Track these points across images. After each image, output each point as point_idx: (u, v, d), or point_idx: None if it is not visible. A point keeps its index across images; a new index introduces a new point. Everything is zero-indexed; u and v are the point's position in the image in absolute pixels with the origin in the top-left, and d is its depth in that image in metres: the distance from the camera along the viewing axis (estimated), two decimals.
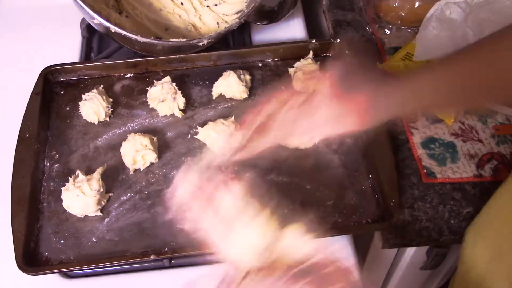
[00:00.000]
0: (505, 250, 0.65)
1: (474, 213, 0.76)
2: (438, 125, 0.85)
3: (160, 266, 0.74)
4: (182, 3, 0.96)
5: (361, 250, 0.91)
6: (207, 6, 0.97)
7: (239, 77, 0.85)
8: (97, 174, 0.75)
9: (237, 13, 0.96)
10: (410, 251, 0.90)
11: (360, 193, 0.77)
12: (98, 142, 0.82)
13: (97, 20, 0.77)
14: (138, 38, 0.77)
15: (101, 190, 0.74)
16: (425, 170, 0.80)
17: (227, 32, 0.88)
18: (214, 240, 0.55)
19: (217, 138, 0.78)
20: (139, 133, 0.79)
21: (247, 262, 0.53)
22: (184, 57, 0.89)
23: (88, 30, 1.00)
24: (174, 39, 0.83)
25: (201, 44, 0.84)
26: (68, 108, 0.86)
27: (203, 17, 0.96)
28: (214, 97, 0.87)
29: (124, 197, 0.76)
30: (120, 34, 0.77)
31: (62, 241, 0.72)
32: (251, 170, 0.79)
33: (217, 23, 0.96)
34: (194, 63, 0.91)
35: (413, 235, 0.76)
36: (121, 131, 0.83)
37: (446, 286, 0.94)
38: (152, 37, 0.80)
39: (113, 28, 0.77)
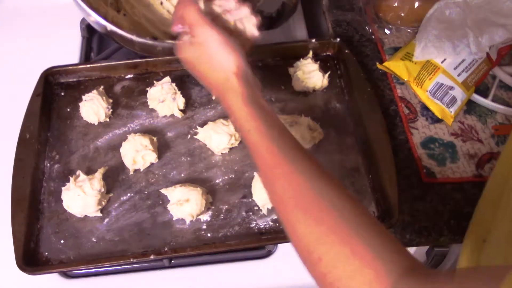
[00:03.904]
0: None
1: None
2: (438, 125, 0.85)
3: (160, 266, 0.75)
4: None
5: None
6: None
7: None
8: (98, 174, 0.75)
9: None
10: (410, 251, 0.90)
11: (360, 193, 0.77)
12: (98, 142, 0.82)
13: (93, 18, 0.76)
14: (133, 37, 0.77)
15: (102, 190, 0.74)
16: (425, 170, 0.80)
17: None
18: None
19: (217, 138, 0.78)
20: (139, 134, 0.79)
21: None
22: None
23: (88, 31, 1.00)
24: (168, 40, 0.82)
25: None
26: (68, 109, 0.86)
27: None
28: (214, 97, 0.87)
29: (124, 197, 0.76)
30: (116, 33, 0.76)
31: (62, 241, 0.72)
32: (250, 169, 0.79)
33: None
34: None
35: (413, 235, 0.76)
36: (121, 131, 0.83)
37: None
38: (147, 37, 0.79)
39: (109, 27, 0.76)
